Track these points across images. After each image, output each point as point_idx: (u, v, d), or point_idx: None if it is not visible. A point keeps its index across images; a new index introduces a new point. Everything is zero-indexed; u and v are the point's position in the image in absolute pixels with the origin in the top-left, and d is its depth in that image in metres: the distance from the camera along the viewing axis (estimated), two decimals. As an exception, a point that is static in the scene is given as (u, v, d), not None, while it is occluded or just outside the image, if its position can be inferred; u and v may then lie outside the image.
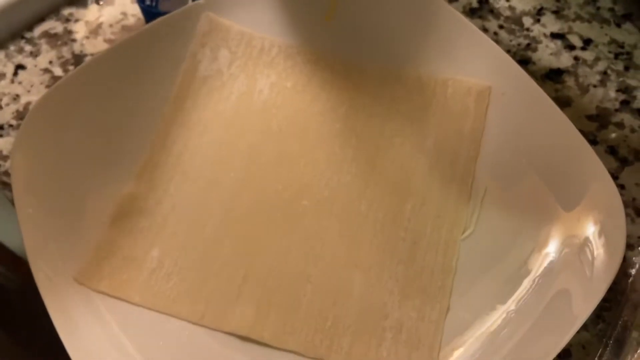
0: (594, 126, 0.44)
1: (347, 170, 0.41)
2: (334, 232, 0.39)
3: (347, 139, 0.43)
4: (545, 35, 0.48)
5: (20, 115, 0.45)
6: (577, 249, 0.36)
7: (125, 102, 0.42)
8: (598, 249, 0.35)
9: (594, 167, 0.37)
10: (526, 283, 0.36)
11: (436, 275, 0.37)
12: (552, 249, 0.37)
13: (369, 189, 0.41)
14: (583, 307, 0.34)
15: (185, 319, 0.36)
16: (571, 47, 0.48)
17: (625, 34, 0.48)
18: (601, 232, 0.35)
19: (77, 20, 0.49)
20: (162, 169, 0.41)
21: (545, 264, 0.36)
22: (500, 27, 0.49)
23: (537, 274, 0.36)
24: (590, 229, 0.36)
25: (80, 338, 0.34)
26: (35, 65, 0.47)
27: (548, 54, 0.47)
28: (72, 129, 0.40)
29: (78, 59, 0.47)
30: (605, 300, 0.37)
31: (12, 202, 0.38)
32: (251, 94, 0.44)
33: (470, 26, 0.43)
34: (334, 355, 0.35)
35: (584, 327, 0.37)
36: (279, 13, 0.46)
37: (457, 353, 0.35)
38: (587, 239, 0.36)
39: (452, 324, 0.36)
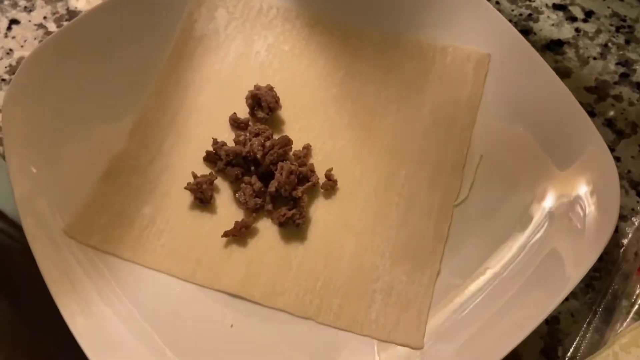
0: (593, 98, 0.44)
1: (342, 135, 0.41)
2: (328, 196, 0.39)
3: (343, 104, 0.42)
4: (547, 5, 0.47)
5: (13, 70, 0.44)
6: (570, 214, 0.36)
7: (118, 59, 0.41)
8: (591, 216, 0.35)
9: (589, 133, 0.37)
10: (517, 248, 0.36)
11: (428, 241, 0.37)
12: (544, 214, 0.36)
13: (363, 154, 0.40)
14: (574, 272, 0.34)
15: (177, 276, 0.36)
16: (573, 19, 0.47)
17: (628, 8, 0.48)
18: (595, 198, 0.35)
19: (72, -24, 0.48)
20: (156, 127, 0.41)
21: (537, 230, 0.36)
22: (502, -4, 0.48)
23: (529, 241, 0.36)
24: (584, 193, 0.36)
25: (71, 292, 0.34)
26: (30, 21, 0.46)
27: (549, 25, 0.47)
28: (64, 84, 0.40)
29: (73, 14, 0.47)
30: (595, 269, 0.37)
31: (2, 156, 0.38)
32: (248, 55, 0.44)
33: (471, -8, 0.43)
34: (323, 316, 0.35)
35: (574, 295, 0.37)
36: (278, -26, 0.45)
37: (445, 316, 0.35)
38: (580, 204, 0.36)
39: (442, 288, 0.36)
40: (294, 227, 0.37)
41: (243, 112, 0.42)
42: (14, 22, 0.46)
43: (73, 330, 0.32)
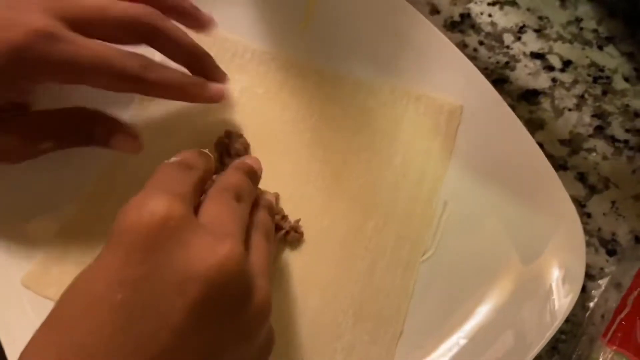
0: (566, 151, 0.43)
1: (312, 183, 0.41)
2: (294, 248, 0.39)
3: (314, 151, 0.42)
4: (524, 54, 0.47)
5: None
6: (535, 280, 0.35)
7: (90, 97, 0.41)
8: (557, 282, 0.35)
9: (556, 191, 0.37)
10: (482, 311, 0.36)
11: (392, 298, 0.37)
12: (510, 278, 0.36)
13: (332, 204, 0.40)
14: (538, 336, 0.34)
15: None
16: (550, 68, 0.47)
17: (607, 58, 0.47)
18: (561, 267, 0.35)
19: None
20: (123, 171, 0.40)
21: (502, 293, 0.36)
22: (481, 43, 0.48)
23: (494, 303, 0.36)
24: (550, 255, 0.36)
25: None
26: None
27: (526, 74, 0.46)
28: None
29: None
30: (561, 332, 0.36)
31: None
32: (221, 98, 0.43)
33: (446, 42, 0.42)
34: (282, 375, 0.35)
35: (539, 359, 0.36)
36: (254, 17, 0.45)
37: (406, 380, 0.34)
38: (545, 273, 0.35)
39: (404, 349, 0.35)
40: (256, 281, 0.37)
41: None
42: None
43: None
